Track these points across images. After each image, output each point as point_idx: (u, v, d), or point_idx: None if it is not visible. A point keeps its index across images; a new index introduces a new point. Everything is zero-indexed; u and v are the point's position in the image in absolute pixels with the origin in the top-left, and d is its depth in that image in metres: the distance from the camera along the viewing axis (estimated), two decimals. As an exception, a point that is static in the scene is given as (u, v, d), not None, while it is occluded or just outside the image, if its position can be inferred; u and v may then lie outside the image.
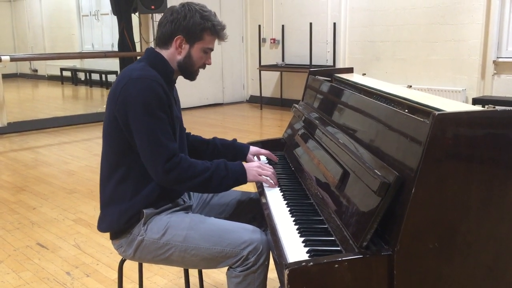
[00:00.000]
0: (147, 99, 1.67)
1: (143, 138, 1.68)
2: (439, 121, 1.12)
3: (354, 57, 7.57)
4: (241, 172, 1.82)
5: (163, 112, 1.71)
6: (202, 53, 1.82)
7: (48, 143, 6.10)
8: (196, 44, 1.80)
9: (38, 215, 3.64)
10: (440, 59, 6.64)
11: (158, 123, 1.68)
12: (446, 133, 1.12)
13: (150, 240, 1.75)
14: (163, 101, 1.70)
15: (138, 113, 1.67)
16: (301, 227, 1.53)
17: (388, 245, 1.21)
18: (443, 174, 1.14)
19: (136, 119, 1.68)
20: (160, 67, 1.79)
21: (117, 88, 1.73)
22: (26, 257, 2.94)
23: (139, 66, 1.76)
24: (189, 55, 1.81)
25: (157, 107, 1.68)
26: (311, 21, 7.81)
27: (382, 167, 1.29)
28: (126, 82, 1.70)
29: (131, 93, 1.68)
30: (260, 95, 8.45)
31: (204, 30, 1.78)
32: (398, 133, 1.31)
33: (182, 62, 1.83)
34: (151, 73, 1.73)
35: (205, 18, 1.78)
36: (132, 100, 1.68)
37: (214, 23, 1.80)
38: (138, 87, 1.68)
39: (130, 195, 1.76)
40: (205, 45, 1.81)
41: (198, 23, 1.77)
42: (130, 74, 1.72)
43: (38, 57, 10.41)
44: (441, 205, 1.16)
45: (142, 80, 1.69)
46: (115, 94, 1.73)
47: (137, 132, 1.68)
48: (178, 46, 1.79)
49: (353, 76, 2.39)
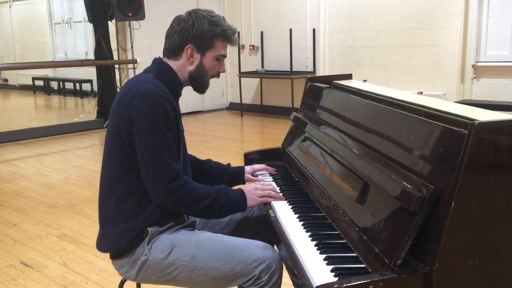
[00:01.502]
0: (155, 115, 1.57)
1: (147, 156, 1.58)
2: (479, 131, 1.06)
3: (334, 62, 7.57)
4: (241, 199, 1.73)
5: (170, 130, 1.61)
6: (215, 61, 1.74)
7: (24, 155, 5.88)
8: (208, 53, 1.71)
9: (19, 231, 3.47)
10: (419, 64, 6.69)
11: (164, 141, 1.59)
12: (486, 143, 1.06)
13: (155, 260, 1.64)
14: (171, 118, 1.61)
15: (144, 129, 1.57)
16: (319, 243, 1.45)
17: (424, 263, 1.14)
18: (483, 187, 1.08)
19: (141, 136, 1.58)
20: (169, 80, 1.70)
21: (123, 101, 1.62)
22: (10, 278, 2.78)
23: (147, 78, 1.66)
24: (201, 65, 1.72)
25: (164, 124, 1.59)
26: (290, 27, 7.78)
27: (411, 180, 1.22)
28: (133, 95, 1.60)
29: (138, 108, 1.58)
30: (241, 102, 8.37)
31: (215, 36, 1.70)
32: (427, 144, 1.24)
33: (194, 73, 1.73)
34: (160, 87, 1.63)
35: (214, 24, 1.70)
36: (138, 115, 1.58)
37: (224, 28, 1.72)
38: (146, 102, 1.58)
39: (133, 213, 1.65)
40: (217, 52, 1.73)
41: (208, 30, 1.69)
42: (137, 87, 1.61)
43: (9, 67, 10.08)
44: (481, 220, 1.09)
45: (150, 95, 1.59)
46: (120, 108, 1.62)
47: (141, 149, 1.58)
48: (190, 56, 1.70)
49: (353, 83, 2.33)
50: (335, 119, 1.94)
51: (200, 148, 5.98)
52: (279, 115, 8.05)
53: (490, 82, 6.21)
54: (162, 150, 1.58)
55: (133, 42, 7.44)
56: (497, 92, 6.15)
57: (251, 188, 1.78)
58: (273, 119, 7.88)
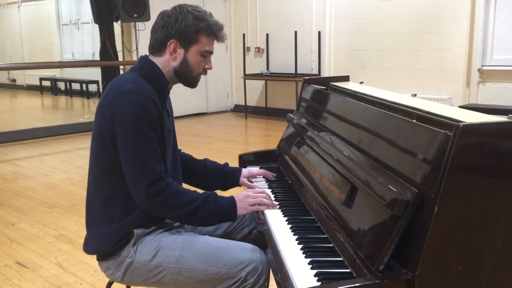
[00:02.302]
0: (137, 115, 1.54)
1: (128, 157, 1.55)
2: (463, 133, 1.02)
3: (339, 65, 7.53)
4: (231, 208, 1.67)
5: (153, 130, 1.57)
6: (200, 56, 1.68)
7: (27, 155, 5.89)
8: (192, 48, 1.66)
9: (17, 231, 3.47)
10: (425, 68, 6.63)
11: (146, 142, 1.55)
12: (471, 146, 1.03)
13: (140, 262, 1.62)
14: (154, 118, 1.57)
15: (126, 130, 1.54)
16: (305, 247, 1.42)
17: (407, 269, 1.11)
18: (468, 191, 1.05)
19: (123, 136, 1.54)
20: (154, 79, 1.66)
21: (105, 101, 1.59)
22: (5, 277, 2.77)
23: (131, 77, 1.62)
24: (185, 60, 1.68)
25: (146, 125, 1.55)
26: (296, 29, 7.76)
27: (397, 182, 1.19)
28: (115, 95, 1.57)
29: (119, 108, 1.55)
30: (245, 104, 8.35)
31: (199, 31, 1.65)
32: (414, 146, 1.21)
33: (179, 69, 1.69)
34: (143, 86, 1.59)
35: (199, 19, 1.65)
36: (120, 115, 1.54)
37: (209, 23, 1.66)
38: (128, 102, 1.55)
39: (119, 215, 1.63)
40: (201, 48, 1.67)
41: (191, 24, 1.64)
42: (120, 87, 1.58)
43: (15, 67, 10.15)
44: (465, 225, 1.06)
45: (132, 95, 1.55)
46: (102, 108, 1.60)
47: (123, 150, 1.55)
48: (172, 51, 1.66)
49: (349, 85, 2.30)
50: (327, 121, 1.91)
51: (203, 150, 5.96)
52: (283, 118, 7.96)
53: (496, 86, 6.14)
54: (144, 151, 1.55)
55: (138, 43, 7.44)
56: (503, 96, 6.08)
57: (242, 196, 1.72)
58: (277, 121, 7.85)
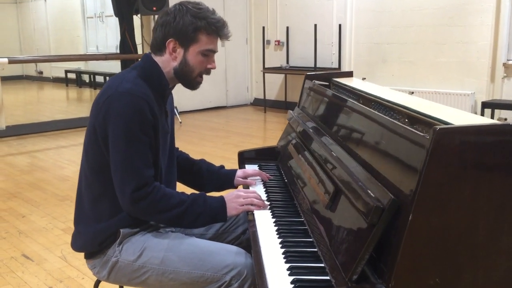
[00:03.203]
0: (130, 118, 1.50)
1: (117, 160, 1.52)
2: (441, 136, 0.95)
3: (360, 59, 7.40)
4: (220, 208, 1.62)
5: (145, 134, 1.53)
6: (201, 56, 1.61)
7: (45, 147, 5.97)
8: (191, 47, 1.60)
9: (27, 223, 3.50)
10: (448, 62, 6.45)
11: (137, 146, 1.51)
12: (449, 151, 0.96)
13: (125, 262, 1.59)
14: (147, 122, 1.52)
15: (117, 131, 1.50)
16: (288, 251, 1.37)
17: (382, 279, 1.05)
18: (445, 199, 0.98)
19: (114, 137, 1.51)
20: (154, 80, 1.61)
21: (101, 98, 1.56)
22: (10, 270, 2.80)
23: (130, 77, 1.58)
24: (185, 60, 1.61)
25: (139, 128, 1.51)
26: (316, 22, 7.65)
27: (377, 187, 1.13)
28: (111, 94, 1.53)
29: (114, 108, 1.51)
30: (264, 98, 8.29)
31: (197, 29, 1.58)
32: (395, 149, 1.14)
33: (179, 69, 1.63)
34: (140, 88, 1.54)
35: (198, 17, 1.58)
36: (113, 116, 1.51)
37: (209, 21, 1.58)
38: (123, 103, 1.50)
39: (107, 215, 1.60)
40: (202, 47, 1.60)
41: (189, 23, 1.57)
42: (117, 86, 1.54)
43: (36, 59, 10.33)
44: (443, 235, 0.99)
45: (128, 96, 1.51)
46: (97, 105, 1.56)
47: (113, 151, 1.52)
48: (172, 51, 1.60)
49: (352, 81, 2.23)
50: (321, 119, 1.84)
51: (218, 143, 5.94)
52: (302, 112, 7.91)
53: (522, 81, 5.94)
54: (133, 155, 1.51)
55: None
56: (529, 92, 5.87)
57: (233, 196, 1.67)
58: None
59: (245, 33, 8.86)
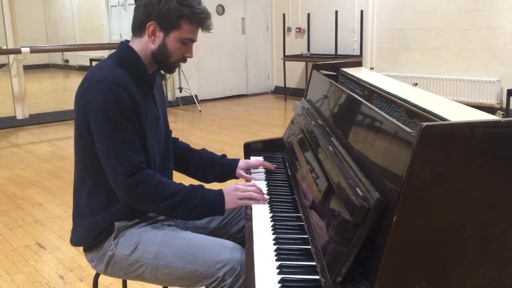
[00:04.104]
0: (108, 105, 1.47)
1: (104, 149, 1.50)
2: (427, 134, 0.90)
3: (382, 46, 7.24)
4: (218, 201, 1.59)
5: (127, 119, 1.50)
6: (180, 43, 1.59)
7: (67, 136, 6.05)
8: (172, 33, 1.57)
9: (43, 212, 3.56)
10: (473, 48, 6.26)
11: (120, 132, 1.49)
12: (435, 149, 0.90)
13: (121, 256, 1.58)
14: (127, 107, 1.49)
15: (98, 120, 1.48)
16: (279, 248, 1.33)
17: (368, 282, 1.00)
18: (432, 200, 0.92)
19: (96, 127, 1.49)
20: (131, 66, 1.58)
21: (79, 90, 1.55)
22: (23, 258, 2.84)
23: (105, 66, 1.56)
24: (164, 45, 1.58)
25: (119, 114, 1.48)
26: (337, 8, 7.51)
27: (367, 185, 1.08)
28: (87, 84, 1.51)
29: (91, 98, 1.49)
30: (284, 86, 8.22)
31: (181, 17, 1.55)
32: (386, 145, 1.09)
33: (156, 52, 1.60)
34: (115, 74, 1.51)
35: (184, 4, 1.55)
36: (92, 106, 1.49)
37: (194, 10, 1.56)
38: (98, 92, 1.48)
39: (102, 208, 1.59)
40: (182, 35, 1.58)
41: (174, 9, 1.54)
42: (92, 76, 1.52)
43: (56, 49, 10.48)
44: (429, 237, 0.94)
45: (103, 84, 1.48)
46: (77, 98, 1.55)
47: (98, 142, 1.50)
48: (151, 33, 1.57)
49: (360, 71, 2.16)
50: (322, 111, 1.79)
51: (237, 132, 5.92)
52: (323, 100, 7.82)
53: (551, 68, 5.72)
54: (118, 142, 1.49)
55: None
56: (558, 79, 5.65)
57: (231, 189, 1.64)
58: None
59: (266, 20, 8.77)
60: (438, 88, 6.58)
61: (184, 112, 7.45)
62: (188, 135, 6.00)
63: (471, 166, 0.91)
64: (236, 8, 8.41)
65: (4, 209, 3.63)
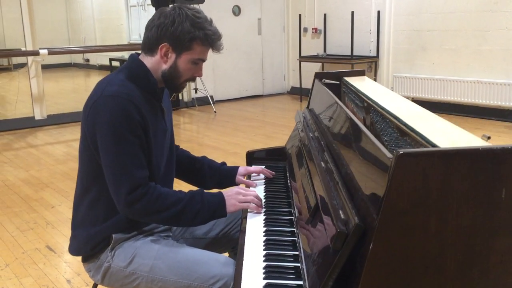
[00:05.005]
0: (116, 120, 1.49)
1: (109, 164, 1.52)
2: (403, 162, 0.89)
3: (399, 47, 7.16)
4: (219, 205, 1.61)
5: (134, 135, 1.52)
6: (191, 64, 1.61)
7: (83, 137, 6.13)
8: (184, 55, 1.59)
9: (55, 214, 3.62)
10: (492, 50, 6.15)
11: (127, 148, 1.51)
12: (412, 177, 0.89)
13: (117, 268, 1.60)
14: (135, 122, 1.52)
15: (106, 135, 1.50)
16: (268, 265, 1.33)
17: (347, 307, 1.00)
18: (409, 228, 0.91)
19: (103, 142, 1.51)
20: (141, 79, 1.60)
21: (88, 103, 1.57)
22: (32, 261, 2.90)
23: (116, 80, 1.57)
24: (175, 66, 1.61)
25: (127, 129, 1.50)
26: (354, 9, 7.44)
27: (349, 208, 1.07)
28: (97, 98, 1.53)
29: (100, 112, 1.51)
30: (300, 87, 8.19)
31: (194, 39, 1.57)
32: (369, 168, 1.08)
33: (167, 73, 1.62)
34: (126, 89, 1.53)
35: (197, 26, 1.56)
36: (100, 120, 1.51)
37: (206, 32, 1.58)
38: (108, 106, 1.50)
39: (102, 219, 1.62)
40: (194, 56, 1.60)
41: (187, 31, 1.55)
42: (103, 90, 1.54)
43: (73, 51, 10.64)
44: (407, 266, 0.93)
45: (113, 98, 1.50)
46: (85, 111, 1.57)
47: (103, 155, 1.53)
48: (164, 54, 1.60)
49: (364, 81, 2.14)
50: (322, 125, 1.78)
51: (250, 134, 5.92)
52: (339, 101, 7.77)
53: None
54: (123, 157, 1.51)
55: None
56: None
57: (233, 192, 1.66)
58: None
59: (282, 21, 8.75)
60: (456, 90, 6.48)
61: (199, 113, 7.48)
62: (202, 137, 6.03)
63: (448, 194, 0.89)
64: (253, 9, 8.40)
65: (17, 210, 3.70)
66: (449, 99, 6.56)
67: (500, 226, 0.91)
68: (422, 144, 1.11)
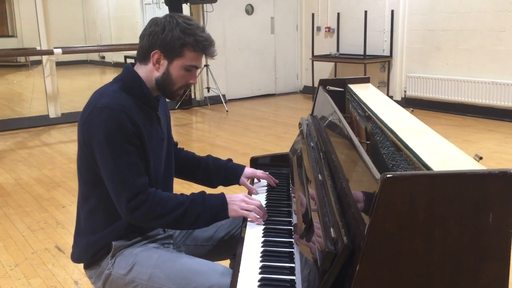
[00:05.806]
0: (111, 131, 1.52)
1: (107, 174, 1.55)
2: (388, 186, 0.88)
3: (413, 46, 7.09)
4: (221, 208, 1.63)
5: (130, 144, 1.55)
6: (184, 71, 1.63)
7: (95, 136, 6.19)
8: (175, 61, 1.61)
9: (65, 214, 3.67)
10: (507, 50, 6.06)
11: (123, 157, 1.53)
12: (398, 201, 0.89)
13: (117, 275, 1.63)
14: (129, 131, 1.54)
15: (102, 146, 1.53)
16: (263, 278, 1.34)
17: (335, 327, 1.00)
18: (396, 252, 0.91)
19: (100, 153, 1.54)
20: (135, 89, 1.62)
21: (83, 115, 1.59)
22: (41, 262, 2.94)
23: (110, 91, 1.60)
24: (168, 73, 1.63)
25: (122, 139, 1.53)
26: (367, 8, 7.39)
27: (339, 226, 1.07)
28: (91, 110, 1.56)
29: (95, 124, 1.54)
30: (313, 86, 8.16)
31: (185, 45, 1.59)
32: (360, 186, 1.08)
33: (160, 80, 1.64)
34: (119, 100, 1.56)
35: (187, 33, 1.59)
36: (95, 132, 1.54)
37: (197, 38, 1.60)
38: (102, 118, 1.53)
39: (101, 227, 1.65)
40: (186, 62, 1.61)
41: (177, 38, 1.58)
42: (96, 101, 1.56)
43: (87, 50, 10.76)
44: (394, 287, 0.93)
45: (107, 110, 1.53)
46: (81, 121, 1.60)
47: (102, 166, 1.56)
48: (156, 62, 1.62)
49: (368, 88, 2.13)
50: (323, 133, 1.78)
51: (260, 134, 5.93)
52: (352, 101, 7.73)
53: None
54: (121, 167, 1.54)
55: (206, 24, 7.49)
56: None
57: (238, 198, 1.67)
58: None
59: (295, 19, 8.72)
60: (470, 91, 6.41)
61: (212, 112, 7.51)
62: (214, 137, 6.05)
63: (435, 217, 0.89)
64: (266, 8, 8.39)
65: (29, 210, 3.76)
66: (463, 100, 6.49)
67: (488, 250, 0.90)
68: (414, 162, 1.10)
